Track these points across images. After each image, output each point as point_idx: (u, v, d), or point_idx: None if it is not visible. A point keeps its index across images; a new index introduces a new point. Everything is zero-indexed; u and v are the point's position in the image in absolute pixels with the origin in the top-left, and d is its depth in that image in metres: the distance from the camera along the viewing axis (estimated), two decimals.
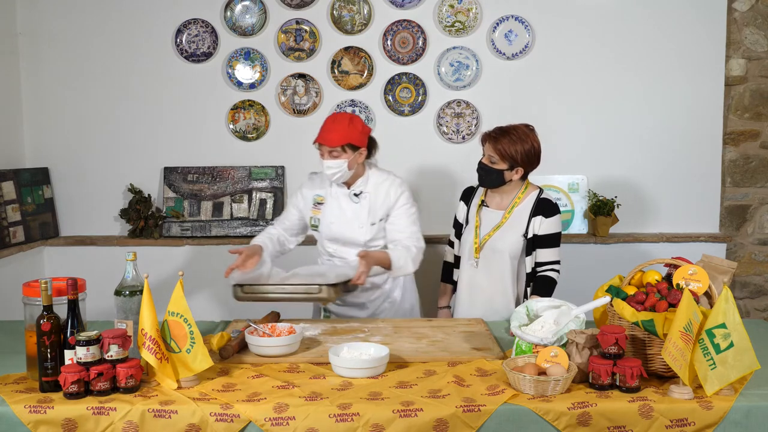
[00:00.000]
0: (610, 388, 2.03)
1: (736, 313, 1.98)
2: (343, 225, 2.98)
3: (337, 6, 4.10)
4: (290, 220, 3.12)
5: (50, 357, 2.03)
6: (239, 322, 2.74)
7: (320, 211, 3.02)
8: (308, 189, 3.08)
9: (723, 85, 4.14)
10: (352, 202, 2.98)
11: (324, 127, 2.90)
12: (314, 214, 3.03)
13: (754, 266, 4.30)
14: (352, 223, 2.97)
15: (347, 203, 2.99)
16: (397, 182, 3.01)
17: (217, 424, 1.92)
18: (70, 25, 4.12)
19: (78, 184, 4.20)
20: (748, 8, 4.11)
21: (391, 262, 2.87)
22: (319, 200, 3.03)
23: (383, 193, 2.98)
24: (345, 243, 3.00)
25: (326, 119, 2.96)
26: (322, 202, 3.03)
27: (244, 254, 2.78)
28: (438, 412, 1.92)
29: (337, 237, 3.00)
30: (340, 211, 2.99)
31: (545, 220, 2.91)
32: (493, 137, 2.89)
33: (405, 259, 2.91)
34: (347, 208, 2.98)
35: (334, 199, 3.00)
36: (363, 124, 2.95)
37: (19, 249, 3.85)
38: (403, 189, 3.01)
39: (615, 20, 4.10)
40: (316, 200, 3.04)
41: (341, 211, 2.99)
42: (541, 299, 2.42)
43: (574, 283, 3.20)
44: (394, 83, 4.14)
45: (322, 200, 3.03)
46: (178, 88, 4.15)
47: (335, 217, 2.99)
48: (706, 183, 4.20)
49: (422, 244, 2.99)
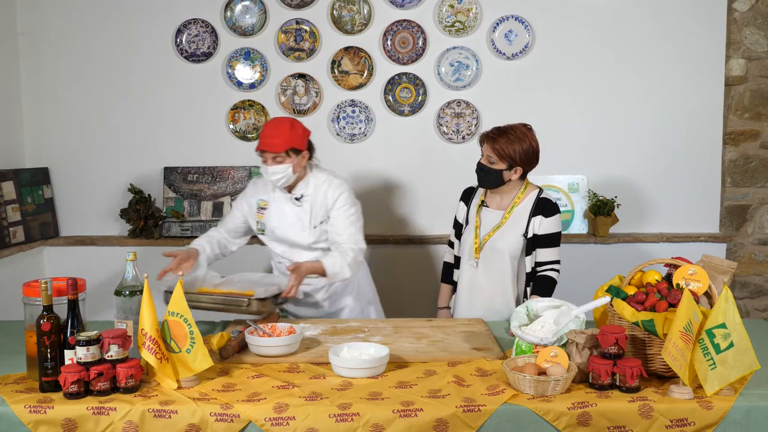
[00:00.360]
0: (610, 388, 2.03)
1: (736, 313, 1.98)
2: (286, 229, 3.00)
3: (337, 6, 4.10)
4: (234, 222, 3.12)
5: (50, 357, 2.03)
6: (239, 322, 2.74)
7: (264, 215, 3.03)
8: (252, 194, 3.09)
9: (723, 85, 4.15)
10: (294, 205, 2.99)
11: (265, 133, 2.87)
12: (259, 219, 3.04)
13: (754, 266, 4.30)
14: (295, 226, 2.99)
15: (290, 207, 2.99)
16: (335, 183, 2.98)
17: (217, 424, 1.92)
18: (70, 25, 4.12)
19: (78, 184, 4.20)
20: (748, 8, 4.11)
21: (325, 270, 2.85)
22: (263, 205, 3.03)
23: (322, 195, 2.97)
24: (291, 246, 3.02)
25: (266, 125, 2.93)
26: (265, 207, 3.03)
27: (178, 257, 2.78)
28: (438, 412, 1.92)
29: (282, 240, 3.02)
30: (283, 215, 3.00)
31: (545, 220, 2.91)
32: (491, 137, 2.89)
33: (340, 265, 2.86)
34: (290, 212, 2.99)
35: (277, 204, 3.01)
36: (303, 127, 2.94)
37: (19, 249, 3.85)
38: (341, 190, 2.97)
39: (615, 20, 4.10)
40: (259, 205, 3.04)
41: (284, 215, 3.00)
42: (541, 299, 2.42)
43: (574, 283, 3.20)
44: (394, 83, 4.14)
45: (265, 205, 3.03)
46: (178, 88, 4.15)
47: (278, 221, 3.00)
48: (706, 183, 4.20)
49: (361, 245, 2.96)
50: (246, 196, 3.12)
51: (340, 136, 4.16)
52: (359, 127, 4.16)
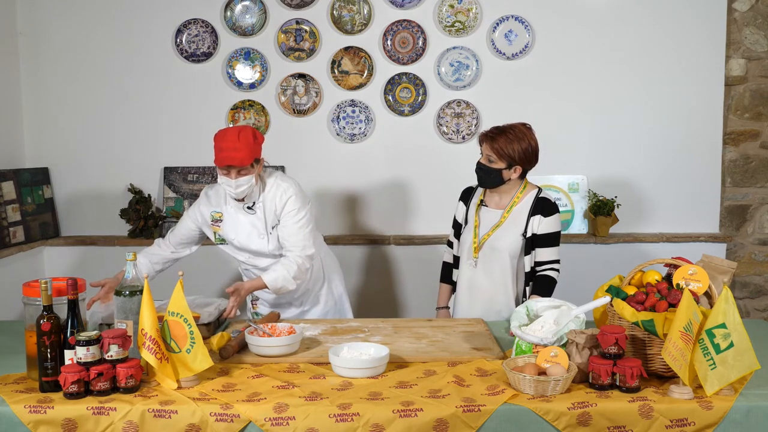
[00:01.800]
0: (610, 388, 2.03)
1: (736, 313, 1.98)
2: (245, 238, 2.94)
3: (337, 6, 4.10)
4: (183, 233, 3.02)
5: (50, 357, 2.03)
6: (239, 322, 2.74)
7: (220, 227, 2.96)
8: (205, 206, 2.99)
9: (723, 85, 4.15)
10: (247, 214, 2.92)
11: (227, 146, 2.72)
12: (215, 231, 2.97)
13: (754, 266, 4.30)
14: (252, 235, 2.93)
15: (243, 216, 2.93)
16: (282, 187, 2.89)
17: (217, 424, 1.92)
18: (70, 25, 4.12)
19: (78, 184, 4.21)
20: (748, 8, 4.11)
21: (267, 286, 2.81)
22: (217, 216, 2.95)
23: (270, 200, 2.90)
24: (254, 254, 2.98)
25: (224, 137, 2.74)
26: (220, 218, 2.95)
27: (107, 286, 2.66)
28: (438, 412, 1.92)
29: (243, 249, 2.97)
30: (239, 225, 2.93)
31: (544, 219, 2.91)
32: (491, 137, 2.89)
33: (283, 279, 2.80)
34: (244, 221, 2.93)
35: (230, 215, 2.94)
36: (259, 133, 2.84)
37: (19, 249, 3.85)
38: (289, 194, 2.88)
39: (615, 20, 4.10)
40: (214, 217, 2.96)
41: (239, 225, 2.93)
42: (541, 299, 2.42)
43: (574, 283, 3.20)
44: (394, 83, 4.14)
45: (220, 216, 2.95)
46: (178, 88, 4.15)
47: (235, 233, 2.94)
48: (706, 183, 4.20)
49: (309, 251, 2.89)
50: (199, 206, 3.01)
51: (340, 136, 4.16)
52: (359, 127, 4.16)
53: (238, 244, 2.96)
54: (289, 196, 2.87)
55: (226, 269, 4.11)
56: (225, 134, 2.75)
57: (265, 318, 2.73)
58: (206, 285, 4.06)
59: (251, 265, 3.03)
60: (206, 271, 4.09)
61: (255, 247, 2.94)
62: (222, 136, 2.76)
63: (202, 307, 2.63)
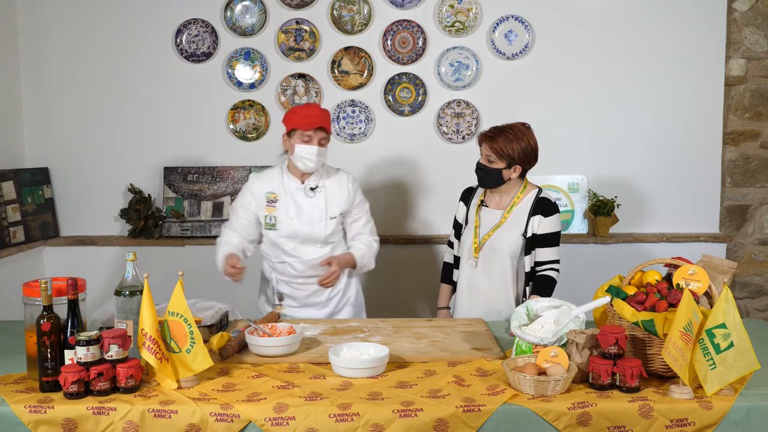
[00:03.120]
0: (610, 388, 2.03)
1: (736, 313, 1.98)
2: (301, 221, 2.90)
3: (337, 6, 4.10)
4: (244, 226, 2.95)
5: (50, 357, 2.03)
6: (239, 322, 2.74)
7: (275, 208, 2.90)
8: (257, 187, 2.94)
9: (723, 85, 4.15)
10: (306, 196, 2.91)
11: (313, 113, 2.83)
12: (269, 212, 2.90)
13: (754, 266, 4.30)
14: (312, 218, 2.91)
15: (302, 198, 2.91)
16: (351, 177, 3.03)
17: (217, 424, 1.92)
18: (70, 25, 4.12)
19: (78, 184, 4.21)
20: (748, 8, 4.11)
21: (356, 262, 2.91)
22: (273, 197, 2.91)
23: (336, 188, 2.96)
24: (304, 240, 2.94)
25: (308, 106, 2.90)
26: (276, 199, 2.91)
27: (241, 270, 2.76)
28: (438, 412, 1.92)
29: (296, 233, 2.92)
30: (297, 207, 2.91)
31: (544, 219, 2.91)
32: (490, 137, 2.89)
33: (368, 257, 2.98)
34: (303, 203, 2.91)
35: (288, 195, 2.91)
36: None
37: (19, 249, 3.86)
38: (357, 184, 3.05)
39: (615, 20, 4.10)
40: (269, 198, 2.91)
41: (297, 207, 2.91)
42: (541, 299, 2.42)
43: (574, 283, 3.20)
44: (394, 83, 4.14)
45: (275, 197, 2.91)
46: (178, 88, 4.16)
47: (294, 213, 2.90)
48: (706, 183, 4.20)
49: (377, 238, 3.10)
50: (250, 190, 2.97)
51: (340, 136, 4.16)
52: (359, 127, 4.16)
53: (293, 228, 2.90)
54: (358, 186, 3.01)
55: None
56: (309, 106, 2.94)
57: (265, 318, 2.73)
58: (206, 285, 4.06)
59: (295, 256, 2.95)
60: (206, 271, 4.08)
61: (310, 230, 2.91)
62: (306, 106, 2.91)
63: (203, 311, 2.63)
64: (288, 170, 2.98)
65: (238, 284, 2.86)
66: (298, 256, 2.97)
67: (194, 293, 4.03)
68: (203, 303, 2.76)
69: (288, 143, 2.91)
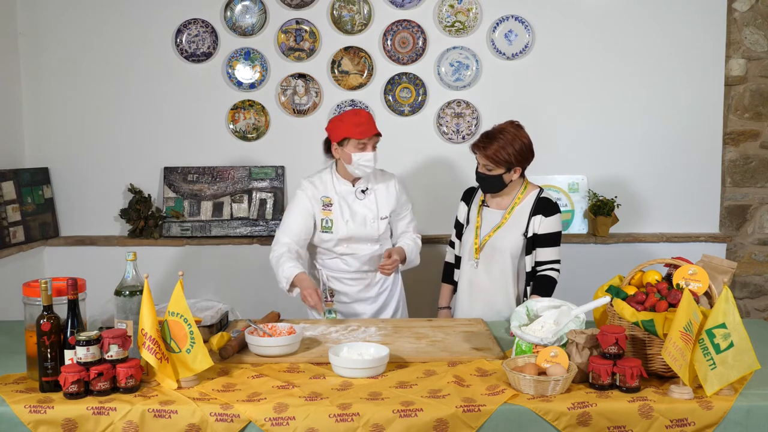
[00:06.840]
0: (610, 388, 2.03)
1: (736, 313, 1.98)
2: (356, 223, 3.02)
3: (337, 6, 4.10)
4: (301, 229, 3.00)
5: (50, 357, 2.03)
6: (239, 322, 2.74)
7: (331, 212, 3.03)
8: (312, 192, 3.04)
9: (723, 85, 4.15)
10: (357, 199, 3.04)
11: (364, 121, 2.94)
12: (325, 216, 3.03)
13: (754, 266, 4.30)
14: (365, 219, 3.03)
15: (353, 201, 3.04)
16: (395, 178, 3.16)
17: (217, 424, 1.92)
18: (70, 25, 4.12)
19: (78, 184, 4.20)
20: (748, 8, 4.11)
21: (406, 256, 3.04)
22: (327, 201, 3.03)
23: (384, 189, 3.09)
24: (359, 240, 3.05)
25: (357, 114, 2.99)
26: (330, 203, 3.03)
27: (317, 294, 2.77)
28: (438, 412, 1.92)
29: (352, 235, 3.03)
30: (350, 210, 3.04)
31: (545, 219, 2.91)
32: (482, 146, 2.87)
33: (415, 253, 3.13)
34: (356, 206, 3.04)
35: (341, 199, 3.04)
36: None
37: (19, 249, 3.85)
38: (401, 184, 3.17)
39: (615, 20, 4.10)
40: (324, 202, 3.03)
41: (351, 210, 3.04)
42: (541, 299, 2.42)
43: (574, 283, 3.20)
44: (394, 83, 4.14)
45: (330, 201, 3.04)
46: (178, 88, 4.15)
47: (348, 216, 3.02)
48: (706, 183, 4.20)
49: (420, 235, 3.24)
50: (305, 193, 3.03)
51: None
52: None
53: (348, 230, 3.01)
54: (402, 186, 3.15)
55: (227, 270, 4.11)
56: (355, 112, 3.02)
57: (265, 318, 2.73)
58: (206, 285, 4.06)
59: (348, 254, 3.05)
60: (206, 271, 4.09)
61: (365, 231, 3.02)
62: (353, 113, 3.00)
63: (203, 311, 2.63)
64: (338, 174, 3.07)
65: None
66: (351, 252, 3.06)
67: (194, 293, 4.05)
68: (203, 303, 2.76)
69: (340, 152, 2.97)
